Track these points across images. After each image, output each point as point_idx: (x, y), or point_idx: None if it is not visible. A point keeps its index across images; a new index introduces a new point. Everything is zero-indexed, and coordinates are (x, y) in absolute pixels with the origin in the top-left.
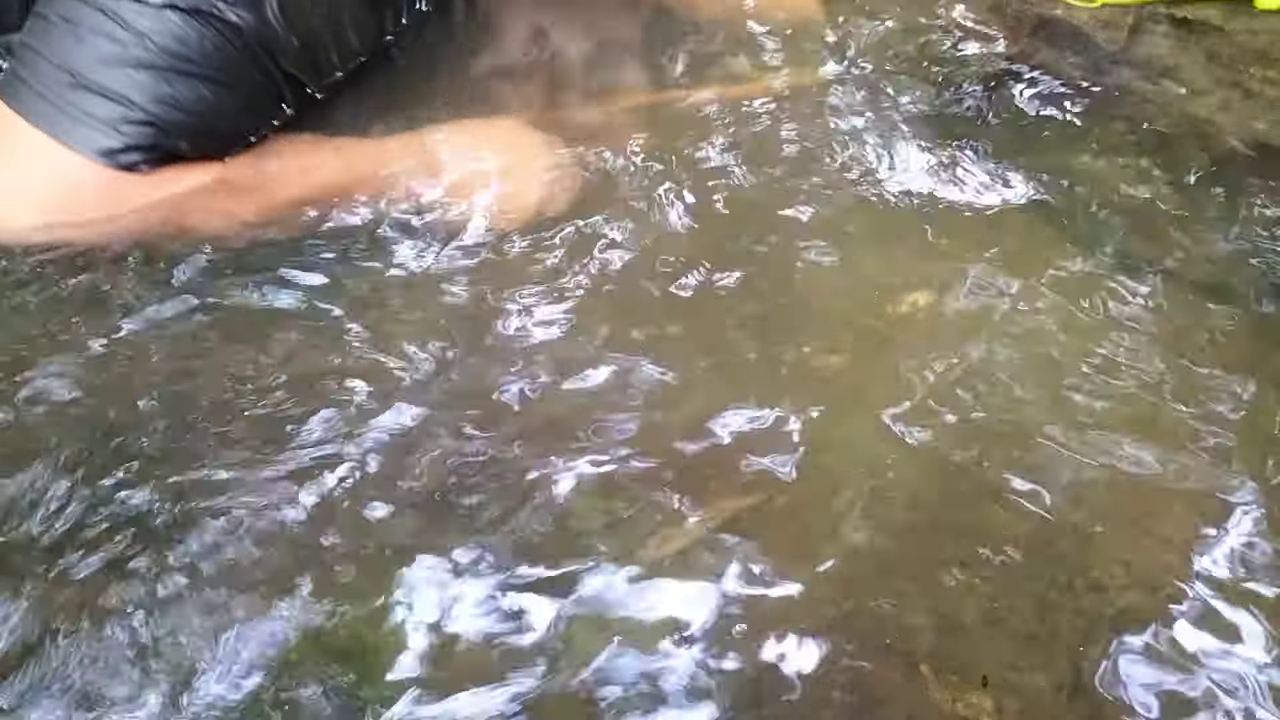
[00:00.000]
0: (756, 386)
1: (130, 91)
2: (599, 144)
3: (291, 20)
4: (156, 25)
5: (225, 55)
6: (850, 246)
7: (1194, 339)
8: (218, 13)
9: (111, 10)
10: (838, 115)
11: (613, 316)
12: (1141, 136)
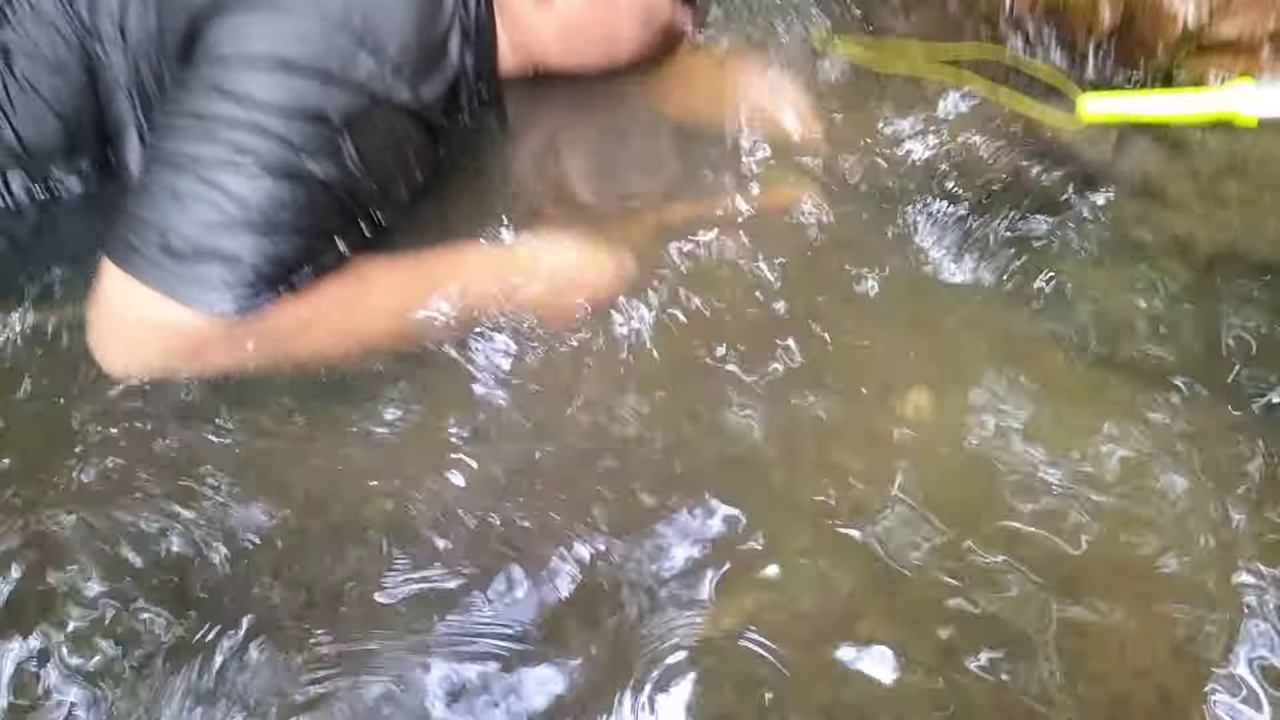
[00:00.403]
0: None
1: (238, 252)
2: (626, 249)
3: (369, 166)
4: (253, 190)
5: (317, 206)
6: (856, 349)
7: (1180, 439)
8: (306, 171)
9: (211, 180)
10: (839, 226)
11: (636, 411)
12: (1130, 247)
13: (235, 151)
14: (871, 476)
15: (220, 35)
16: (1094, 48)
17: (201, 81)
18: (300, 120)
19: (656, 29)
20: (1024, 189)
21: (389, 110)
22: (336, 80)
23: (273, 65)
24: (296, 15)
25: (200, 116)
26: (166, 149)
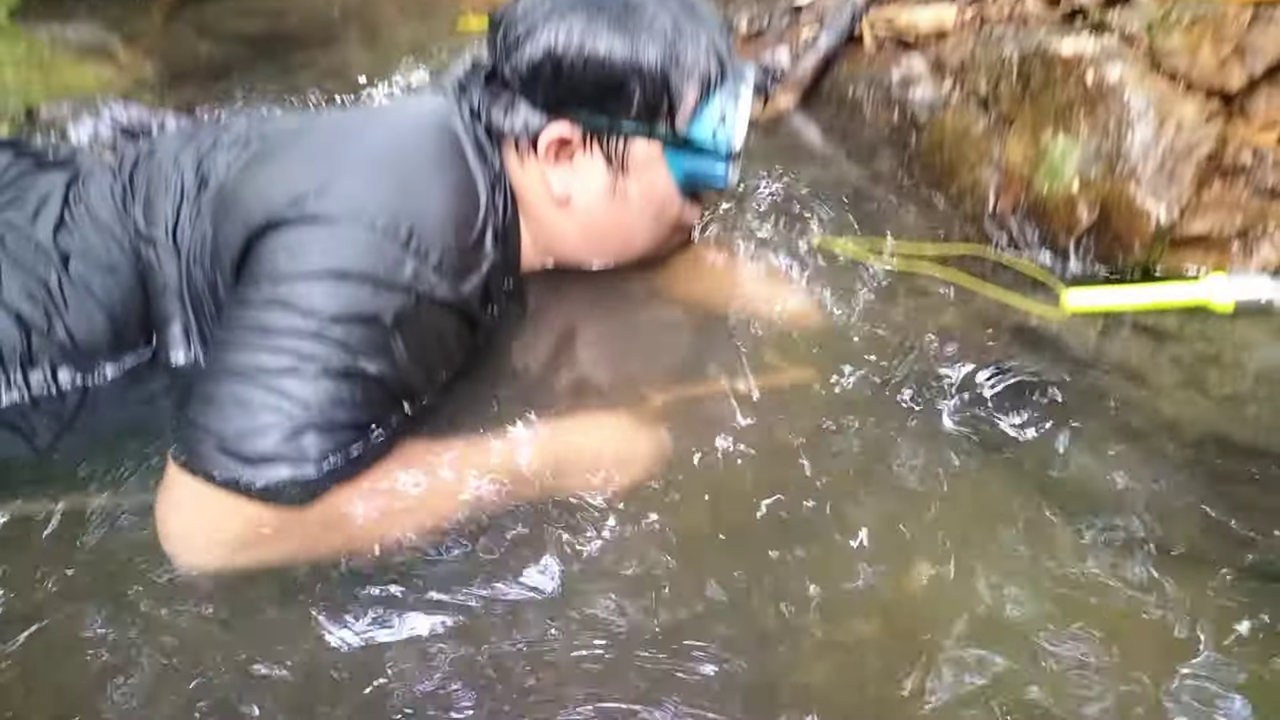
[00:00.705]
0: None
1: (304, 451)
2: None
3: (417, 357)
4: (315, 392)
5: (372, 400)
6: (861, 523)
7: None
8: (362, 370)
9: (277, 387)
10: (840, 409)
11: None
12: (1116, 432)
13: (298, 359)
14: (882, 648)
15: (277, 251)
16: (1074, 244)
17: (264, 297)
18: (355, 324)
19: (667, 225)
20: (1015, 374)
21: (433, 305)
22: (385, 284)
23: (328, 276)
24: (347, 228)
25: (265, 330)
26: (232, 361)
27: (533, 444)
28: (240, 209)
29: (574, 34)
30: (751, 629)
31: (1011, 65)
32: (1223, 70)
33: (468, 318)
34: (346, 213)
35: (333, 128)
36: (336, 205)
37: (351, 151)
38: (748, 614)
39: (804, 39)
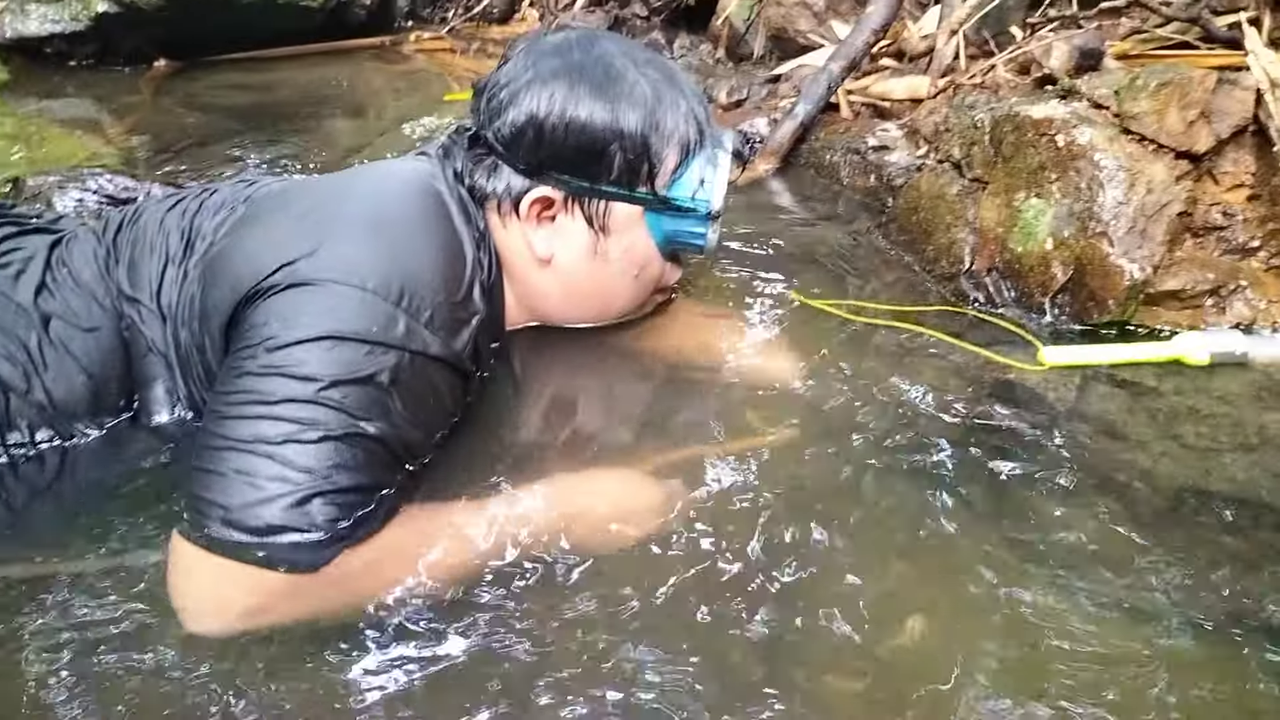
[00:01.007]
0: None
1: (311, 518)
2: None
3: (414, 414)
4: (318, 458)
5: (374, 460)
6: (848, 583)
7: (1166, 666)
8: (362, 431)
9: (279, 456)
10: (826, 465)
11: (640, 649)
12: (1096, 484)
13: (298, 426)
14: (869, 705)
15: (270, 318)
16: (1050, 302)
17: (259, 365)
18: (353, 386)
19: (647, 286)
20: (996, 429)
21: (428, 362)
22: (380, 343)
23: (323, 340)
24: (339, 290)
25: (263, 399)
26: (233, 432)
27: (540, 501)
28: (229, 273)
29: (556, 100)
30: (737, 686)
31: (984, 130)
32: (1190, 132)
33: (461, 373)
34: (337, 275)
35: (318, 191)
36: (327, 268)
37: (338, 214)
38: (734, 671)
39: (782, 107)
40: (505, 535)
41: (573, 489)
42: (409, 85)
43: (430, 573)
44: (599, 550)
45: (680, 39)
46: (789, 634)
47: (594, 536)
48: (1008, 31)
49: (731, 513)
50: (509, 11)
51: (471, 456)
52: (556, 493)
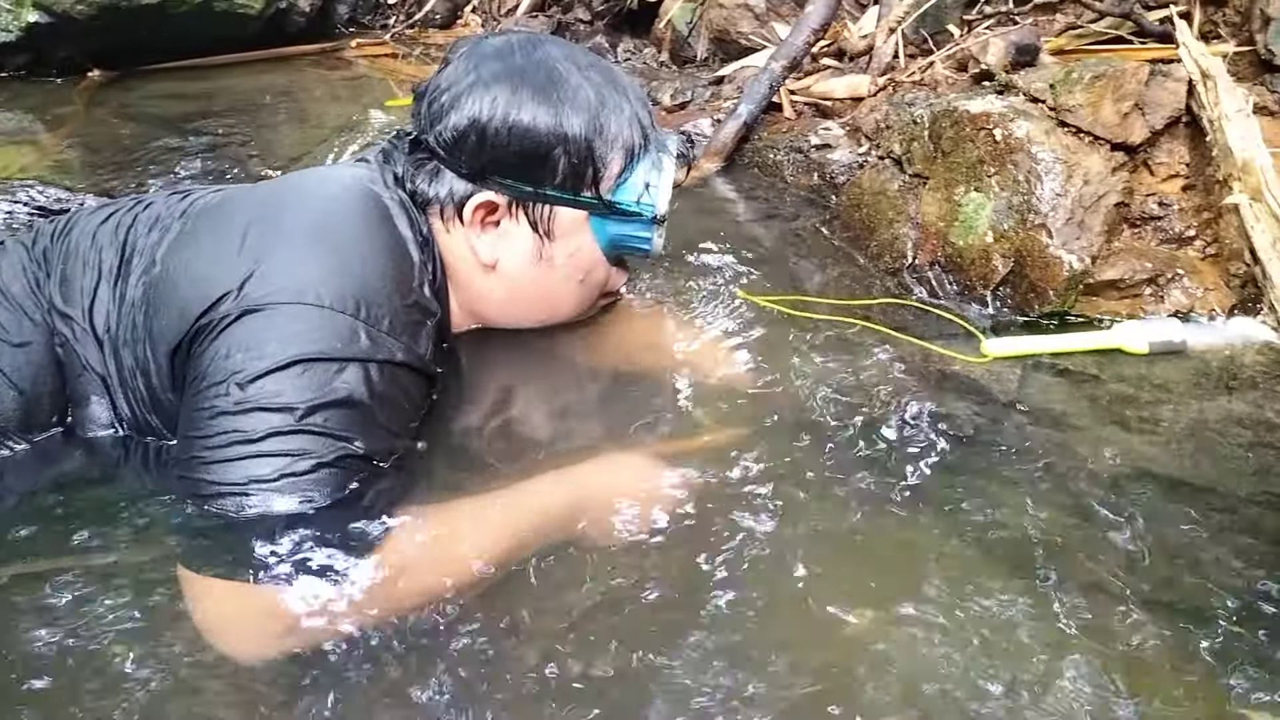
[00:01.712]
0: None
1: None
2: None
3: (394, 421)
4: (314, 488)
5: (368, 476)
6: (799, 580)
7: (1108, 647)
8: (351, 453)
9: (273, 491)
10: (775, 460)
11: (584, 653)
12: (1041, 472)
13: (288, 459)
14: (819, 703)
15: (232, 350)
16: (991, 294)
17: (234, 401)
18: (331, 408)
19: (593, 290)
20: (942, 420)
21: (396, 369)
22: (346, 357)
23: (291, 365)
24: (295, 311)
25: (247, 438)
26: (225, 476)
27: (551, 492)
28: (175, 298)
29: (499, 104)
30: (689, 687)
31: (924, 126)
32: (1124, 124)
33: (426, 375)
34: (290, 295)
35: (257, 204)
36: (278, 290)
37: (279, 229)
38: (686, 673)
39: (725, 108)
40: (523, 525)
41: (586, 474)
42: (350, 91)
43: (446, 573)
44: (617, 533)
45: (624, 43)
46: (740, 631)
47: (606, 520)
48: (945, 29)
49: (681, 511)
50: (451, 17)
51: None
52: (569, 479)
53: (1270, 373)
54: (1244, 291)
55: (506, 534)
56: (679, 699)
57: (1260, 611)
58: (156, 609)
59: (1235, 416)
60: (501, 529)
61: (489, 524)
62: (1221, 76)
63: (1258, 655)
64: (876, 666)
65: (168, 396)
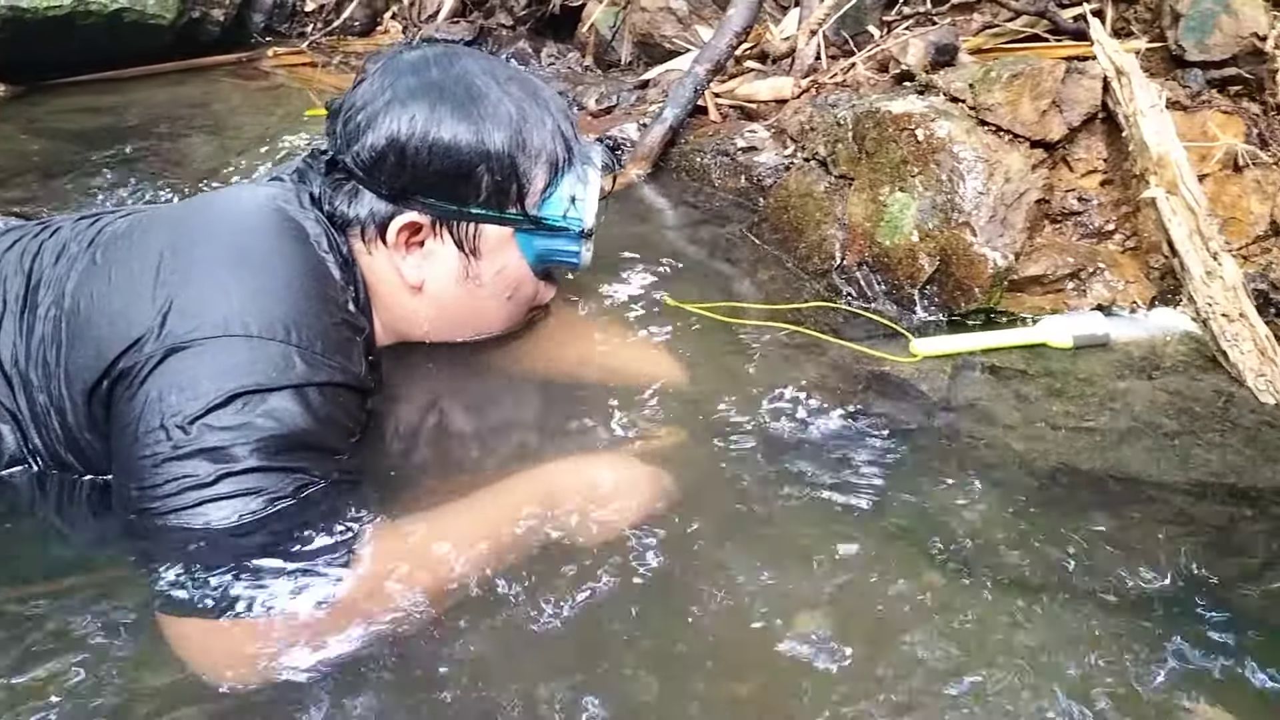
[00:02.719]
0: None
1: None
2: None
3: (340, 441)
4: (276, 525)
5: (328, 503)
6: (738, 583)
7: (1044, 641)
8: (306, 483)
9: (234, 534)
10: (711, 466)
11: (528, 662)
12: (973, 469)
13: (244, 499)
14: (761, 707)
15: (164, 390)
16: (919, 293)
17: (175, 445)
18: (277, 438)
19: (521, 306)
20: (874, 421)
21: (335, 389)
22: (282, 386)
23: (229, 403)
24: (224, 345)
25: (199, 482)
26: (181, 524)
27: (528, 493)
28: (90, 336)
29: (417, 122)
30: (630, 692)
31: (847, 127)
32: (1043, 121)
33: (362, 392)
34: (216, 328)
35: (168, 232)
36: (202, 323)
37: (195, 258)
38: (627, 683)
39: (650, 112)
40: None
41: (561, 475)
42: (269, 102)
43: (433, 578)
44: (597, 535)
45: (547, 48)
46: (682, 640)
47: (589, 518)
48: (866, 31)
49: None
50: (370, 24)
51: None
52: (543, 482)
53: (1191, 362)
54: (1163, 283)
55: (483, 538)
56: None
57: (1193, 600)
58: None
59: (1159, 406)
60: (478, 534)
61: (464, 530)
62: (1135, 72)
63: (1194, 645)
64: (816, 672)
65: (85, 437)
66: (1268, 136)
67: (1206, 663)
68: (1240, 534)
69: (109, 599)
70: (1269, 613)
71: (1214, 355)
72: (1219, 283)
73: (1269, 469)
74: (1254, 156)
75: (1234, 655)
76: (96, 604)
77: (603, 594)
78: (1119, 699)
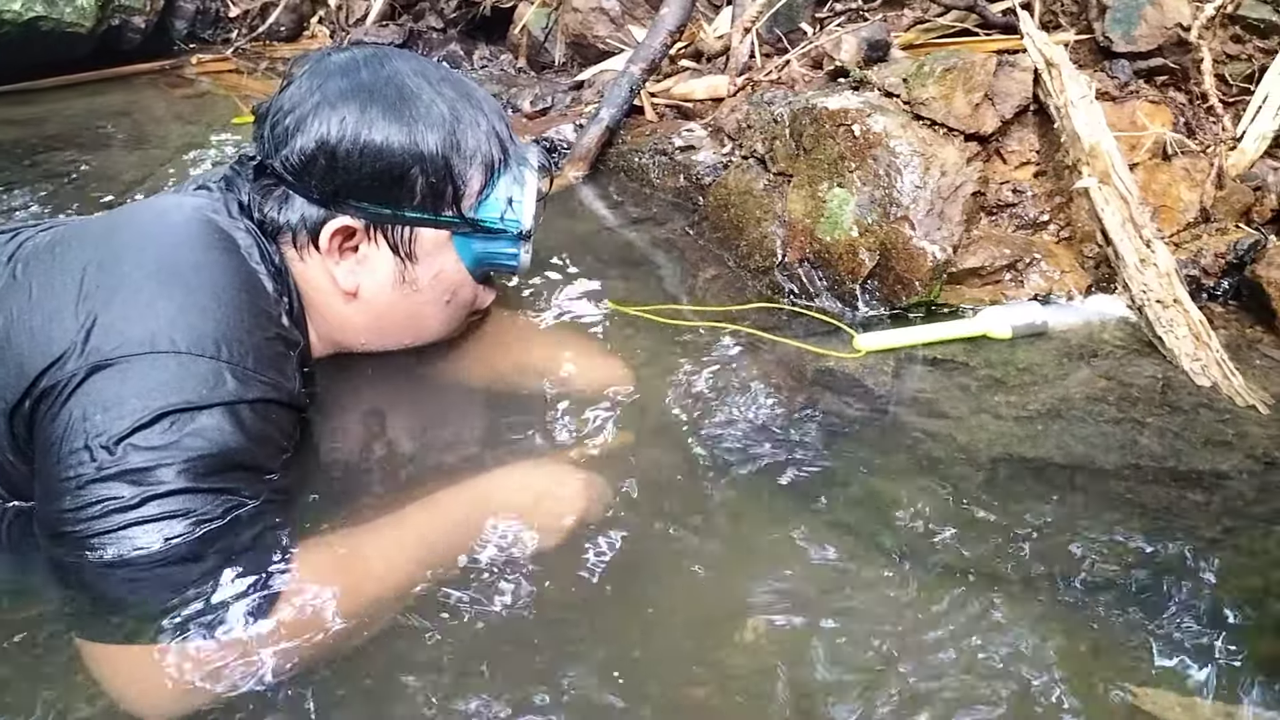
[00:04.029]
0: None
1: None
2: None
3: (273, 460)
4: (204, 549)
5: (259, 522)
6: (690, 586)
7: (990, 631)
8: (236, 504)
9: (162, 561)
10: (658, 469)
11: (479, 671)
12: (920, 463)
13: (170, 521)
14: (720, 706)
15: (88, 410)
16: (860, 288)
17: (99, 466)
18: (206, 458)
19: (460, 310)
20: (821, 418)
21: (267, 406)
22: (213, 404)
23: (156, 422)
24: (151, 362)
25: (124, 504)
26: (111, 551)
27: (457, 503)
28: (10, 355)
29: (348, 124)
30: (584, 700)
31: (784, 124)
32: (976, 115)
33: (295, 408)
34: (142, 345)
35: (91, 246)
36: (127, 340)
37: (120, 273)
38: (578, 686)
39: (587, 113)
40: (436, 540)
41: (493, 485)
42: (194, 110)
43: (370, 593)
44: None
45: (480, 50)
46: (635, 646)
47: (527, 527)
48: (799, 28)
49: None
50: (297, 29)
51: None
52: (476, 492)
53: (1128, 348)
54: (1098, 271)
55: (419, 553)
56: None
57: (1137, 584)
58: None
59: (1098, 393)
60: (413, 548)
61: (400, 544)
62: (1065, 64)
63: (1138, 628)
64: (768, 674)
65: (8, 459)
66: (1194, 125)
67: (1151, 646)
68: (1183, 517)
69: (34, 626)
70: (1212, 594)
71: (1150, 341)
72: (1152, 270)
73: (1208, 451)
74: (1182, 145)
75: (1178, 638)
76: (21, 631)
77: (551, 603)
78: (1064, 684)
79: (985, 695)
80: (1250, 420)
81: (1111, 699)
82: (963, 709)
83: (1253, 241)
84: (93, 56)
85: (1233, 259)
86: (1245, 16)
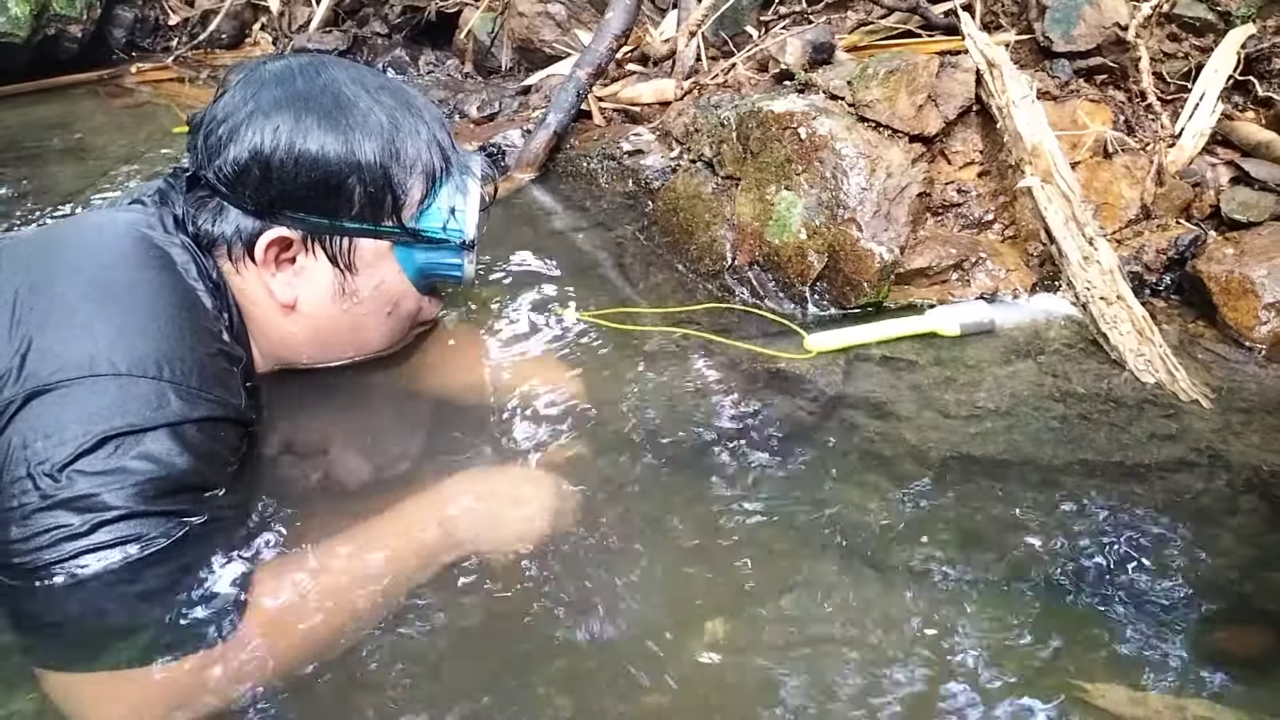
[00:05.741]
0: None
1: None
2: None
3: (221, 479)
4: (158, 574)
5: (211, 542)
6: (647, 593)
7: (943, 628)
8: (185, 523)
9: (115, 584)
10: (614, 474)
11: (438, 682)
12: (872, 462)
13: (122, 548)
14: (680, 714)
15: (29, 437)
16: (810, 290)
17: (44, 495)
18: (154, 482)
19: (404, 322)
20: (773, 420)
21: (214, 424)
22: (158, 425)
23: (100, 446)
24: (90, 385)
25: (73, 532)
26: (55, 575)
27: (419, 512)
28: None
29: (281, 134)
30: (543, 711)
31: (731, 128)
32: (920, 116)
33: (242, 422)
34: (81, 368)
35: (22, 267)
36: (65, 364)
37: (54, 295)
38: (537, 698)
39: (534, 118)
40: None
41: (459, 491)
42: (133, 120)
43: (337, 610)
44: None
45: (425, 55)
46: (591, 656)
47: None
48: (744, 31)
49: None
50: (239, 37)
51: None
52: (440, 498)
53: (1074, 344)
54: (1043, 270)
55: (379, 563)
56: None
57: (1086, 579)
58: None
59: (1045, 390)
60: (372, 559)
61: (358, 557)
62: (1006, 65)
63: (1090, 624)
64: (727, 678)
65: None
66: (1134, 123)
67: (1103, 641)
68: (1130, 511)
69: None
70: (1162, 588)
71: (1095, 338)
72: (1096, 267)
73: (1154, 445)
74: (1122, 143)
75: (1130, 632)
76: None
77: (509, 612)
78: (1017, 680)
79: (932, 692)
80: (1194, 414)
81: (1061, 695)
82: (909, 704)
83: (1193, 237)
84: (29, 67)
85: (1174, 255)
86: (1181, 15)
